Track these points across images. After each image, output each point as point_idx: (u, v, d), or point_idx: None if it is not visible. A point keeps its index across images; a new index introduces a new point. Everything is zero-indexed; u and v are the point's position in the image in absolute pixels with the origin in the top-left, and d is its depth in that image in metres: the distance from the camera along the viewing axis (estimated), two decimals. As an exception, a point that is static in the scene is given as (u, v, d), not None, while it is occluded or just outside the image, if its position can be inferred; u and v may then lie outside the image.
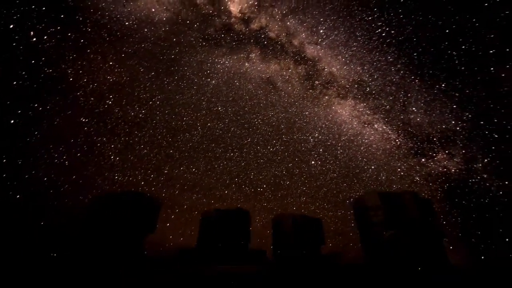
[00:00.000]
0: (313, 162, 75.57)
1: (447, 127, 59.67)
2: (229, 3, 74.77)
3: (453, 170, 58.96)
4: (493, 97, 49.46)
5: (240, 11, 75.25)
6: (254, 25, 76.23)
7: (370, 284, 28.22)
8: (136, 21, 63.09)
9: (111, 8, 59.87)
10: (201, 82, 74.78)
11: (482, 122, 51.56)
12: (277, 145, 77.54)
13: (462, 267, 35.51)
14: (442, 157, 60.98)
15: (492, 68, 48.64)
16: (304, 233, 39.97)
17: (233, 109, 77.88)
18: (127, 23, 61.55)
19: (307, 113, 78.90)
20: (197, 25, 73.94)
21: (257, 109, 79.23)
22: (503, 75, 46.62)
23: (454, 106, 56.51)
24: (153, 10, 66.84)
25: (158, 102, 67.64)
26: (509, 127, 48.27)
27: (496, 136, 50.40)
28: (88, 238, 33.92)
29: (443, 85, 56.55)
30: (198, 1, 72.83)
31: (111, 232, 34.85)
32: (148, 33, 66.19)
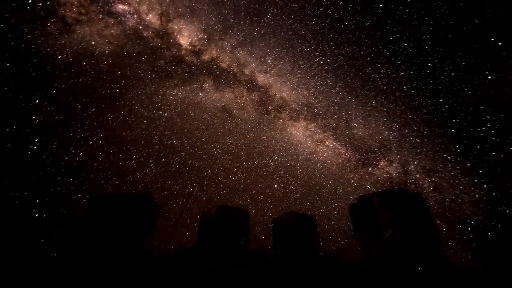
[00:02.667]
0: (276, 186, 75.80)
1: (382, 137, 71.38)
2: (178, 36, 75.26)
3: (394, 175, 69.55)
4: (410, 110, 65.19)
5: (190, 44, 76.71)
6: (206, 57, 78.83)
7: (370, 284, 28.26)
8: (72, 54, 56.21)
9: (39, 41, 51.76)
10: (152, 116, 69.77)
11: (406, 131, 66.45)
12: (239, 173, 75.17)
13: (461, 266, 35.63)
14: (384, 164, 71.33)
15: (404, 87, 65.54)
16: (302, 232, 40.04)
17: (190, 141, 74.03)
18: (60, 57, 53.51)
19: (264, 137, 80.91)
20: (145, 57, 70.58)
21: (215, 138, 77.33)
22: (412, 91, 64.52)
23: (385, 119, 70.74)
24: (93, 43, 61.10)
25: (100, 141, 58.72)
26: (425, 132, 62.59)
27: (418, 141, 64.30)
28: (88, 239, 33.90)
29: (373, 102, 71.20)
30: (145, 34, 71.13)
31: (111, 232, 34.81)
32: (87, 66, 59.07)
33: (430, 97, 61.24)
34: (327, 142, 78.59)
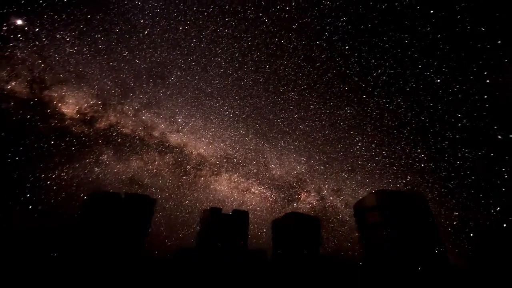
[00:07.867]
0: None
1: (297, 171, 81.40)
2: (59, 104, 60.31)
3: (315, 203, 77.19)
4: (309, 144, 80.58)
5: (78, 112, 63.01)
6: (101, 124, 66.11)
7: (370, 284, 28.20)
8: None
9: None
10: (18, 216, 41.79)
11: (312, 161, 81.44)
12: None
13: (461, 267, 35.64)
14: (304, 196, 78.41)
15: (300, 126, 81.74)
16: (303, 233, 39.94)
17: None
18: None
19: (187, 202, 72.33)
20: (2, 135, 52.00)
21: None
22: (307, 129, 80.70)
23: (294, 155, 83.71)
24: None
25: None
26: (324, 159, 79.37)
27: (322, 168, 79.61)
28: (86, 239, 33.80)
29: (281, 143, 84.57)
30: (3, 106, 54.55)
31: (110, 232, 34.70)
32: None
33: (319, 131, 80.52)
34: (252, 189, 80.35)
